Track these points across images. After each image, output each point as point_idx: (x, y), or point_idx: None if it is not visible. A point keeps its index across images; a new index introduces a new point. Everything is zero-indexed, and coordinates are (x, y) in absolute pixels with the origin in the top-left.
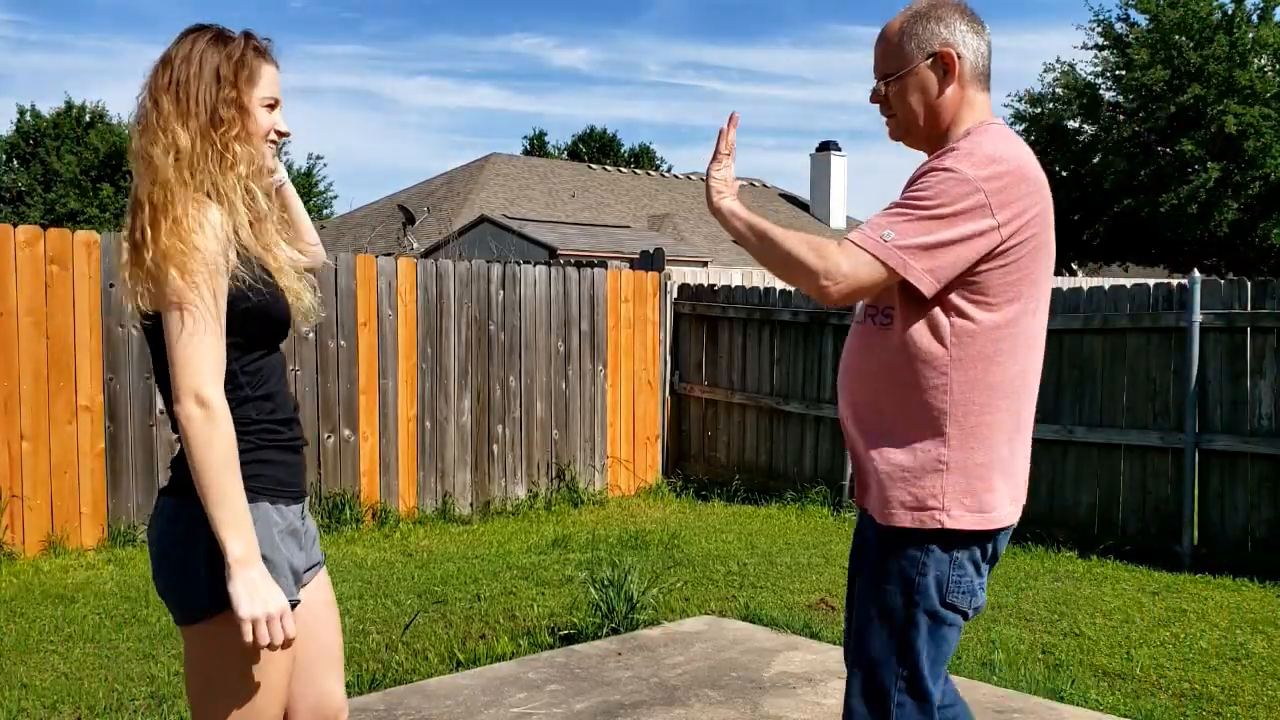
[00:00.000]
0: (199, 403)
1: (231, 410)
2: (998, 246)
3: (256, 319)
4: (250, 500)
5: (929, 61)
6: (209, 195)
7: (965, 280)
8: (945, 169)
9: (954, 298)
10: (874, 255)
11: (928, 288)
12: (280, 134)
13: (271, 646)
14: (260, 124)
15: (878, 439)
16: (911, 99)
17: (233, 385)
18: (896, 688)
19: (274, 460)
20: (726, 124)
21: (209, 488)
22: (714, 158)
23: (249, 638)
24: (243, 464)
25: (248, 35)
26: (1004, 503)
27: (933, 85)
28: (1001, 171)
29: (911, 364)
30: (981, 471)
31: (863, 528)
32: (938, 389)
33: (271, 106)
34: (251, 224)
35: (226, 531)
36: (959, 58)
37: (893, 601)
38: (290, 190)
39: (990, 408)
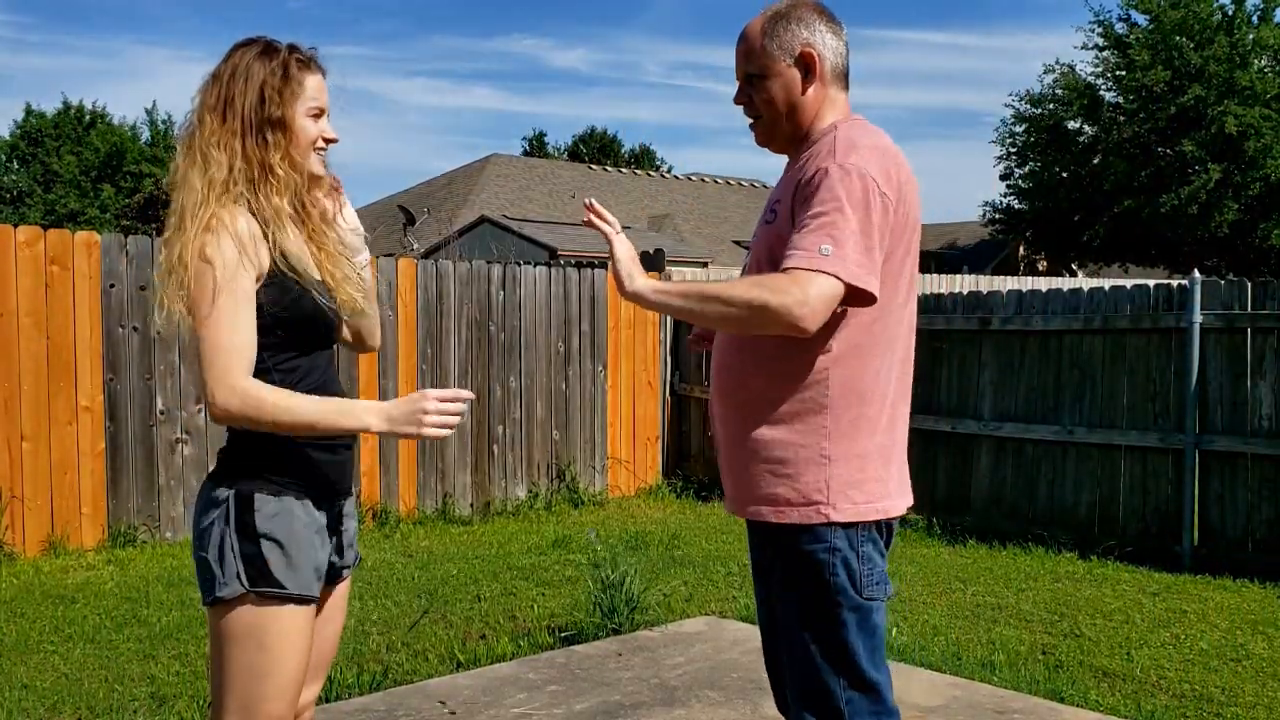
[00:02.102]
0: (230, 391)
1: None
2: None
3: (292, 322)
4: (276, 494)
5: (790, 62)
6: (249, 209)
7: None
8: (835, 167)
9: None
10: (829, 273)
11: (877, 288)
12: (328, 140)
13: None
14: (307, 133)
15: (757, 436)
16: (776, 99)
17: (268, 381)
18: (840, 687)
19: (306, 457)
20: (589, 213)
21: (303, 429)
22: (607, 240)
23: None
24: (273, 459)
25: (292, 47)
26: (890, 492)
27: (796, 85)
28: (876, 158)
29: (790, 358)
30: (862, 463)
31: (756, 546)
32: (818, 383)
33: (318, 115)
34: (310, 233)
35: (347, 423)
36: (820, 58)
37: (814, 608)
38: (357, 228)
39: (870, 398)
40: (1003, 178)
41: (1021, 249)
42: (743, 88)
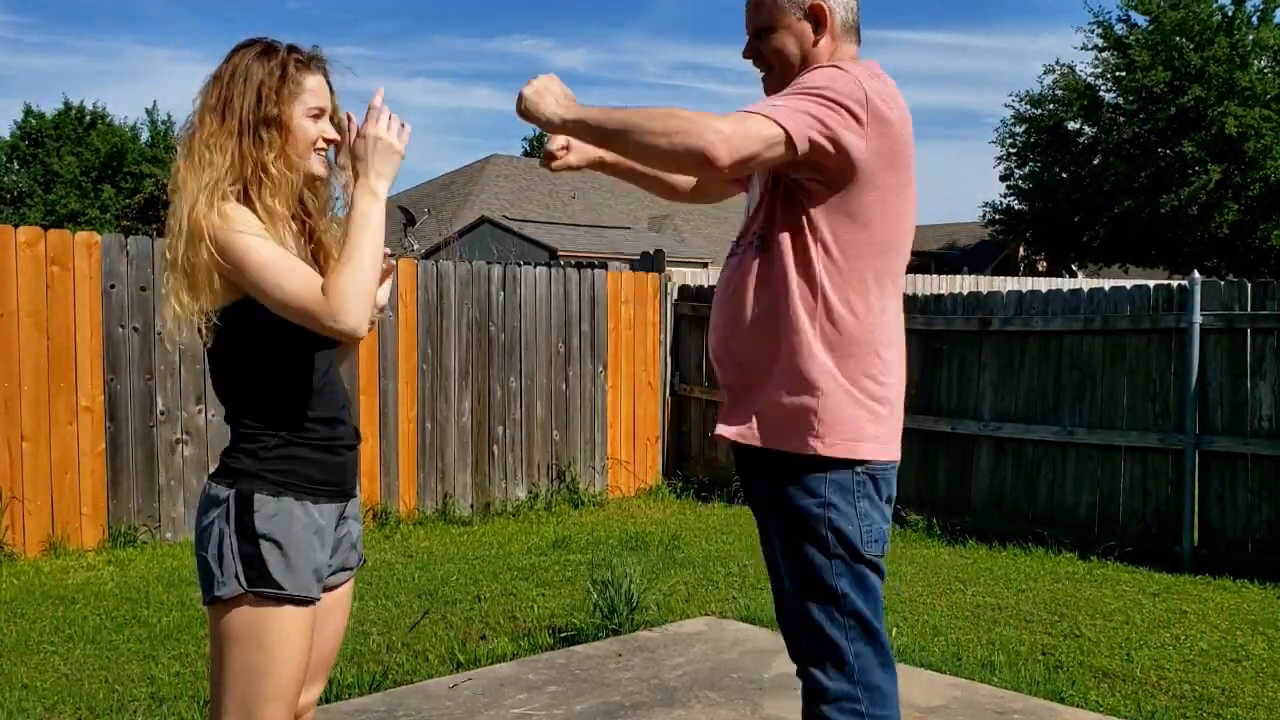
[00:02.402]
0: (345, 314)
1: (265, 406)
2: (867, 143)
3: (286, 321)
4: (275, 495)
5: (801, 15)
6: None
7: (840, 208)
8: (834, 66)
9: (824, 227)
10: (767, 116)
11: (803, 140)
12: (329, 140)
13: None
14: (306, 133)
15: (758, 372)
16: (786, 50)
17: (266, 381)
18: (849, 639)
19: (306, 458)
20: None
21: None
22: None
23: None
24: (272, 459)
25: (291, 48)
26: (884, 434)
27: (807, 37)
28: (878, 82)
29: (790, 291)
30: (859, 400)
31: (757, 500)
32: (815, 320)
33: (318, 115)
34: (313, 232)
35: (379, 185)
36: (830, 11)
37: (813, 557)
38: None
39: (868, 343)
40: (1003, 178)
41: (1021, 249)
42: (751, 41)
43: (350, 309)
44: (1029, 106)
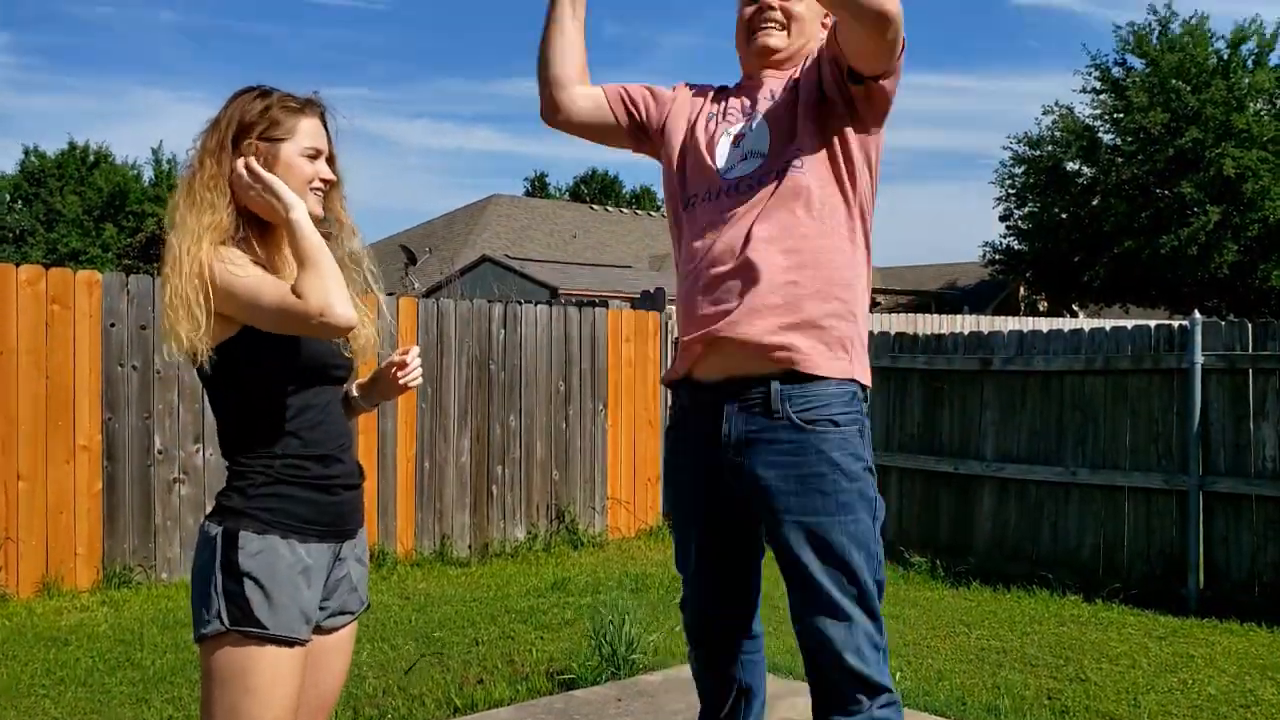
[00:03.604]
0: (325, 308)
1: (256, 443)
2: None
3: (288, 356)
4: (260, 533)
5: (823, 21)
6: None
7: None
8: None
9: (861, 165)
10: None
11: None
12: (326, 181)
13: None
14: (302, 171)
15: (804, 300)
16: (806, 28)
17: (258, 417)
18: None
19: (294, 496)
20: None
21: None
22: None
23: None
24: (260, 497)
25: (284, 95)
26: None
27: (818, 32)
28: None
29: (825, 222)
30: (862, 331)
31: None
32: (846, 253)
33: (313, 156)
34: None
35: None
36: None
37: (851, 485)
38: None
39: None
40: (1002, 219)
41: (1022, 289)
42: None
43: (329, 300)
44: (1027, 148)
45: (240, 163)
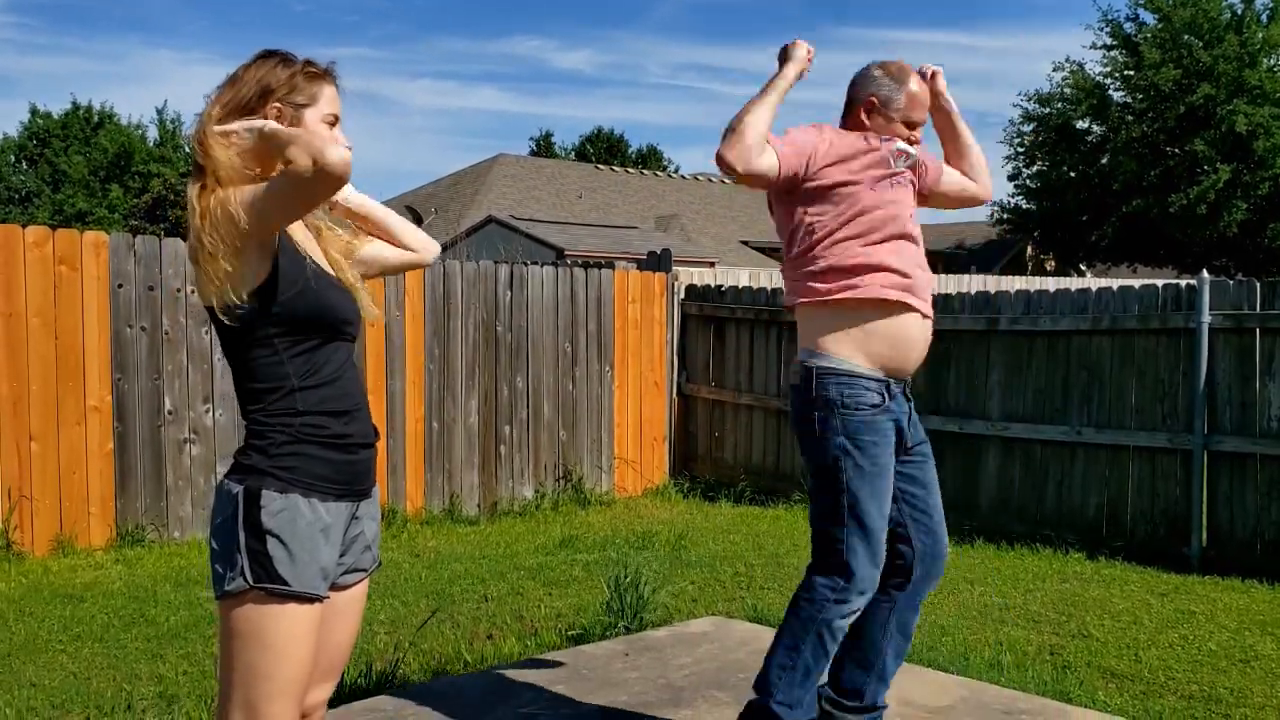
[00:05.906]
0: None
1: (275, 400)
2: None
3: (302, 313)
4: (282, 491)
5: None
6: None
7: None
8: None
9: None
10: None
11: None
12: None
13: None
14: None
15: None
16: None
17: (278, 374)
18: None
19: (314, 455)
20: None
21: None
22: None
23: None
24: (281, 455)
25: (307, 60)
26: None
27: None
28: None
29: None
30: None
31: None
32: None
33: (331, 123)
34: (321, 233)
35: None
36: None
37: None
38: (365, 202)
39: None
40: (1011, 178)
41: (1030, 249)
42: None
43: (318, 148)
44: (1037, 105)
45: (241, 123)
